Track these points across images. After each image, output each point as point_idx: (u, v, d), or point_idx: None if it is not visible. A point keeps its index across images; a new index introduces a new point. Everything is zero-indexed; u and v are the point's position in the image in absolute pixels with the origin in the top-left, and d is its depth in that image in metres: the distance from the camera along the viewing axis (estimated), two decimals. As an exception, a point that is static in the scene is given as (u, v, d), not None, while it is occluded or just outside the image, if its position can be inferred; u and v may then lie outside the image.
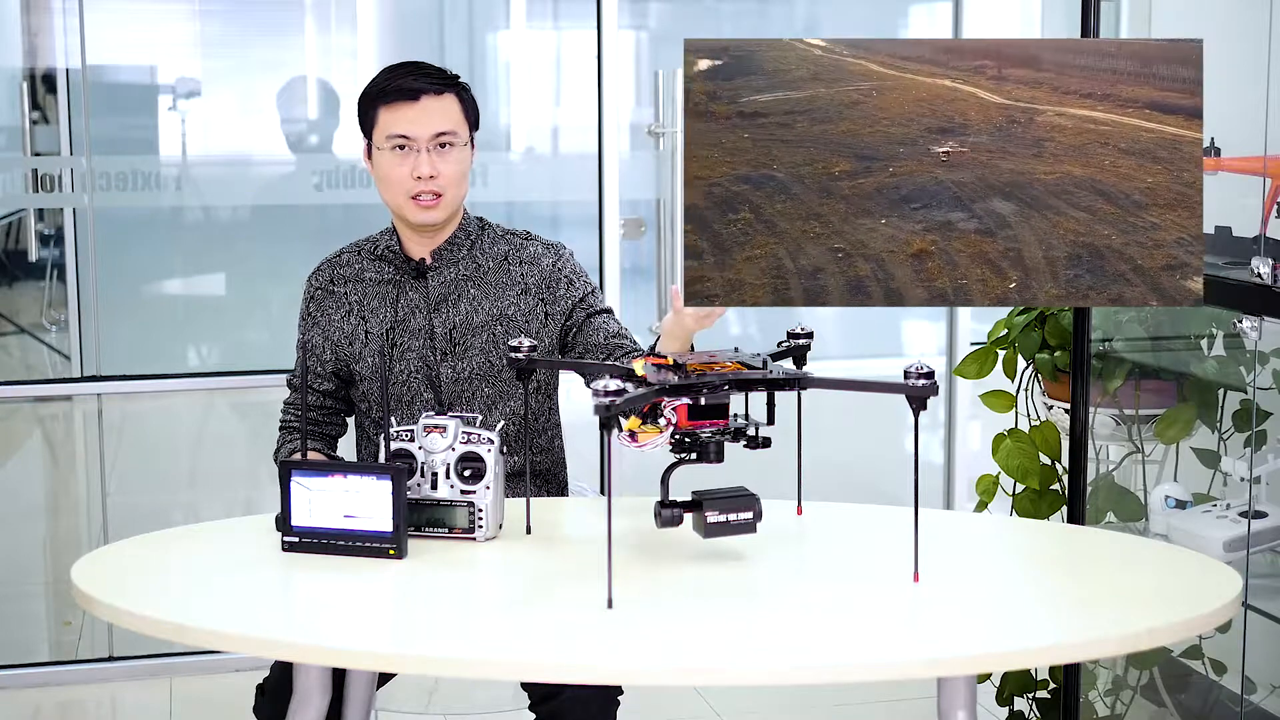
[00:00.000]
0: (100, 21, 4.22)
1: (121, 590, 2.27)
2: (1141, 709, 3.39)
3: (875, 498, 2.80)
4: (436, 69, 2.86)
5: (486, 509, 2.43)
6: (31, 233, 4.36)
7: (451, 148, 2.82)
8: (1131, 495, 3.41)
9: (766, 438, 2.31)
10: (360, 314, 2.88)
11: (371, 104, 2.84)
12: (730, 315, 4.76)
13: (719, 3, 4.79)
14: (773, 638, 2.08)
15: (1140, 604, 2.21)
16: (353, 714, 2.62)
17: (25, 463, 4.49)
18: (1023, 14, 4.96)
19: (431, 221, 2.83)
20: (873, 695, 3.89)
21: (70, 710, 4.19)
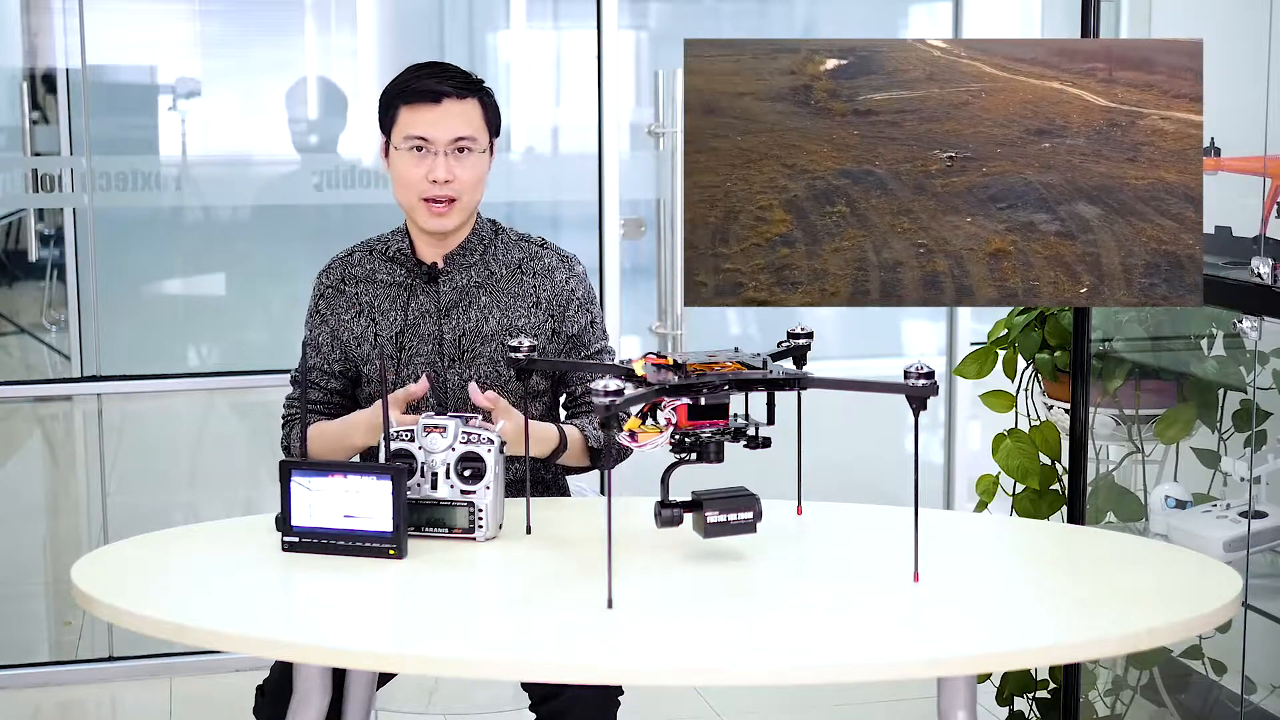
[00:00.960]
0: (100, 21, 4.22)
1: (121, 590, 2.27)
2: (1141, 709, 3.39)
3: (875, 498, 2.80)
4: (461, 72, 2.84)
5: (486, 509, 2.43)
6: (31, 233, 4.36)
7: (469, 153, 2.80)
8: (1131, 495, 3.41)
9: (766, 438, 2.31)
10: (370, 316, 2.87)
11: (393, 102, 2.83)
12: (730, 315, 4.76)
13: (719, 3, 4.79)
14: (773, 638, 2.08)
15: (1140, 604, 2.21)
16: (353, 714, 2.62)
17: (25, 463, 4.49)
18: (1023, 14, 4.96)
19: (442, 228, 2.82)
20: (873, 695, 3.89)
21: (70, 710, 4.19)
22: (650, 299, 4.42)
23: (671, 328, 4.36)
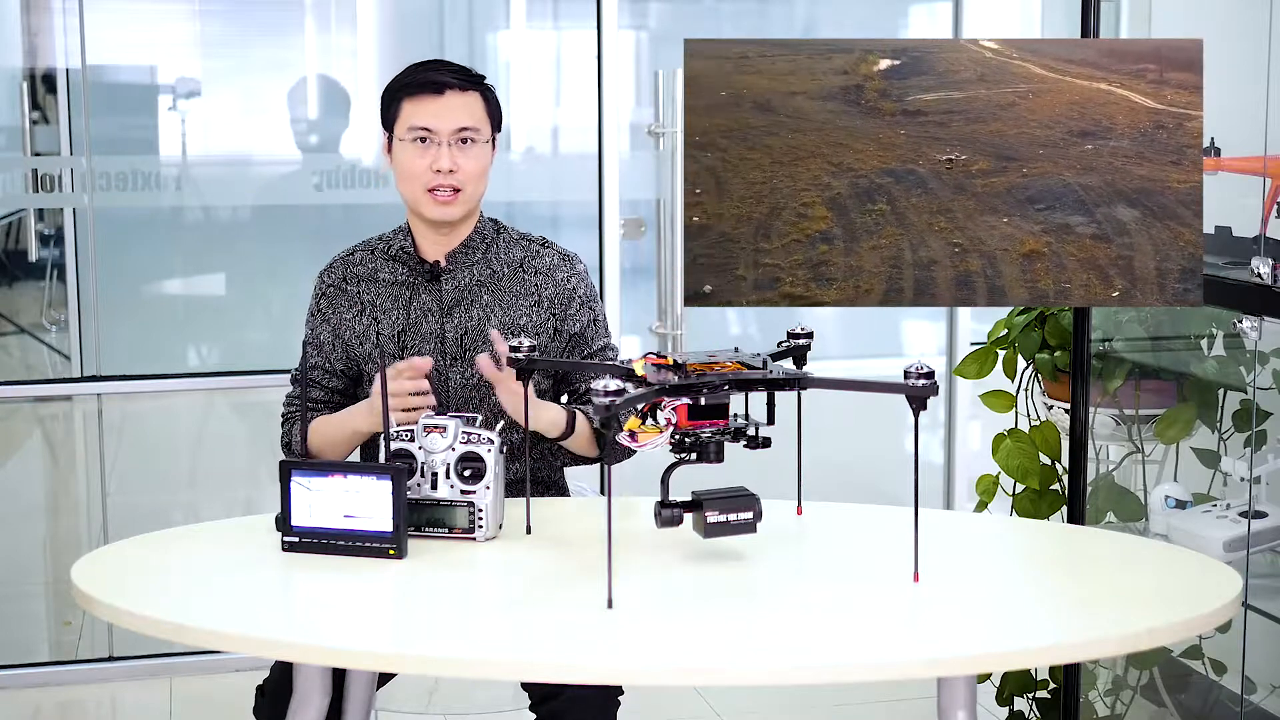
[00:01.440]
0: (100, 21, 4.22)
1: (121, 590, 2.27)
2: (1141, 709, 3.39)
3: (875, 498, 2.80)
4: (462, 67, 2.87)
5: (486, 509, 2.43)
6: (31, 233, 4.36)
7: (473, 144, 2.82)
8: (1131, 495, 3.41)
9: (766, 438, 2.31)
10: (372, 314, 2.87)
11: (395, 96, 2.84)
12: (730, 315, 4.76)
13: (719, 3, 4.79)
14: (773, 638, 2.08)
15: (1140, 604, 2.21)
16: (353, 714, 2.62)
17: (25, 463, 4.49)
18: (1023, 14, 4.96)
19: (447, 218, 2.83)
20: (873, 695, 3.89)
21: (70, 710, 4.19)
22: (650, 299, 4.42)
23: (671, 328, 4.36)
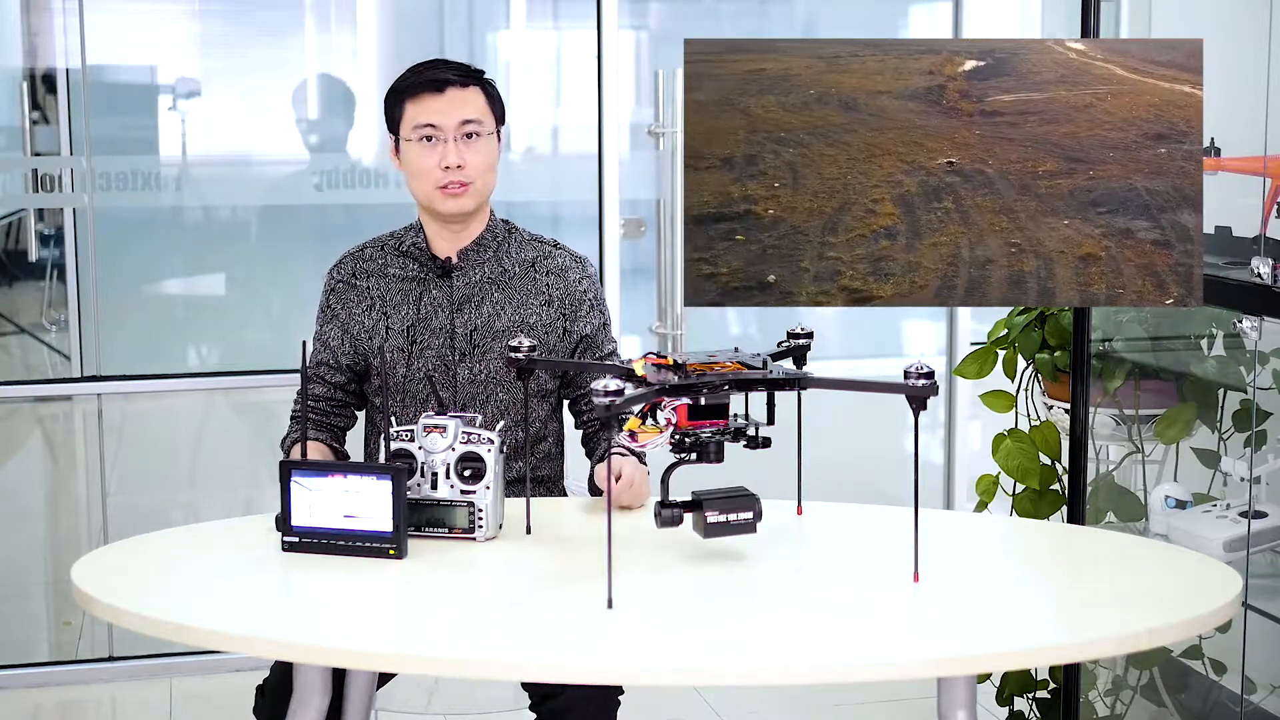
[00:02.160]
0: (100, 21, 4.22)
1: (121, 590, 2.27)
2: (1141, 709, 3.39)
3: (875, 498, 2.80)
4: (460, 64, 2.89)
5: (486, 509, 2.43)
6: (31, 233, 4.36)
7: (478, 138, 2.84)
8: (1131, 495, 3.41)
9: (766, 438, 2.31)
10: (382, 309, 2.89)
11: (398, 99, 2.86)
12: (730, 315, 4.76)
13: (719, 3, 4.79)
14: (773, 638, 2.08)
15: (1140, 604, 2.21)
16: (353, 714, 2.62)
17: (25, 463, 4.49)
18: (1023, 14, 4.96)
19: (460, 210, 2.84)
20: (873, 695, 3.89)
21: (70, 710, 4.19)
22: (650, 299, 4.42)
23: (671, 328, 4.36)
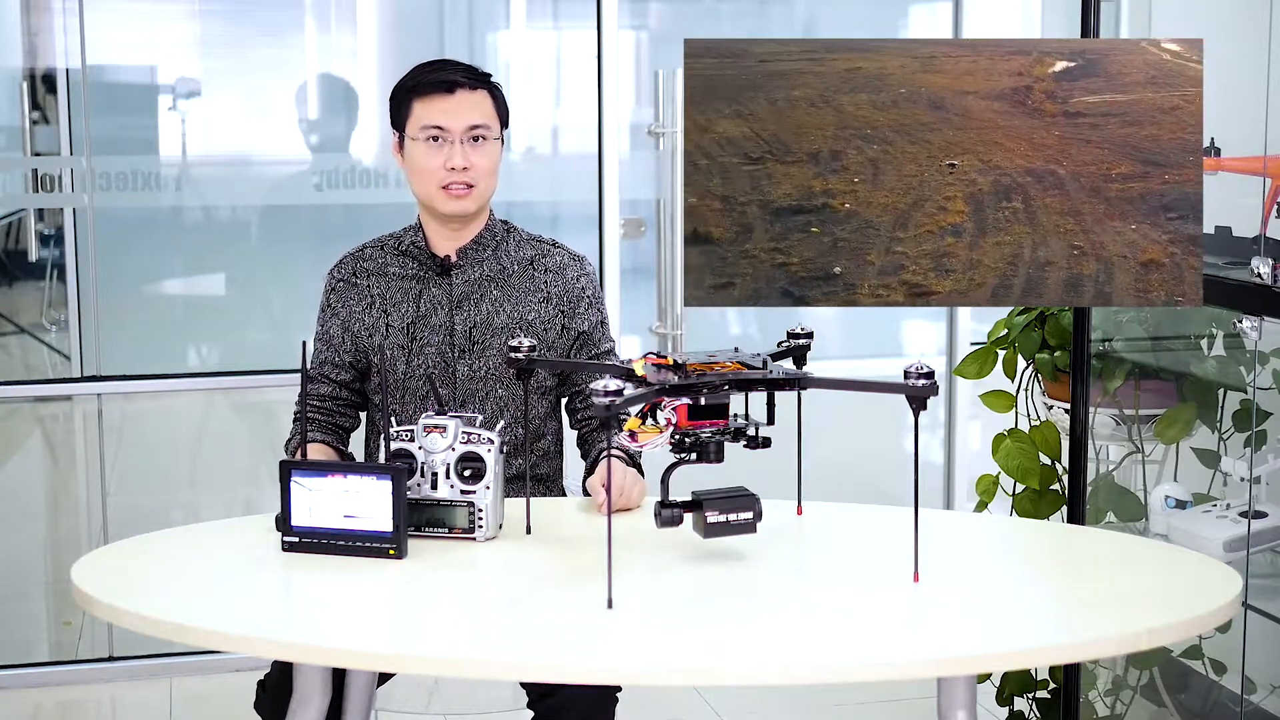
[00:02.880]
0: (100, 21, 4.22)
1: (121, 590, 2.27)
2: (1141, 709, 3.39)
3: (875, 498, 2.80)
4: (470, 66, 2.90)
5: (486, 509, 2.44)
6: (31, 233, 4.36)
7: (484, 141, 2.85)
8: (1131, 495, 3.41)
9: (766, 438, 2.31)
10: (382, 307, 2.90)
11: (406, 97, 2.87)
12: (730, 315, 4.76)
13: (719, 3, 4.79)
14: (773, 638, 2.08)
15: (1140, 604, 2.21)
16: (353, 714, 2.62)
17: (25, 463, 4.49)
18: (1023, 14, 4.96)
19: (462, 211, 2.85)
20: (873, 695, 3.89)
21: (70, 710, 4.19)
22: (650, 299, 4.42)
23: (671, 328, 4.36)
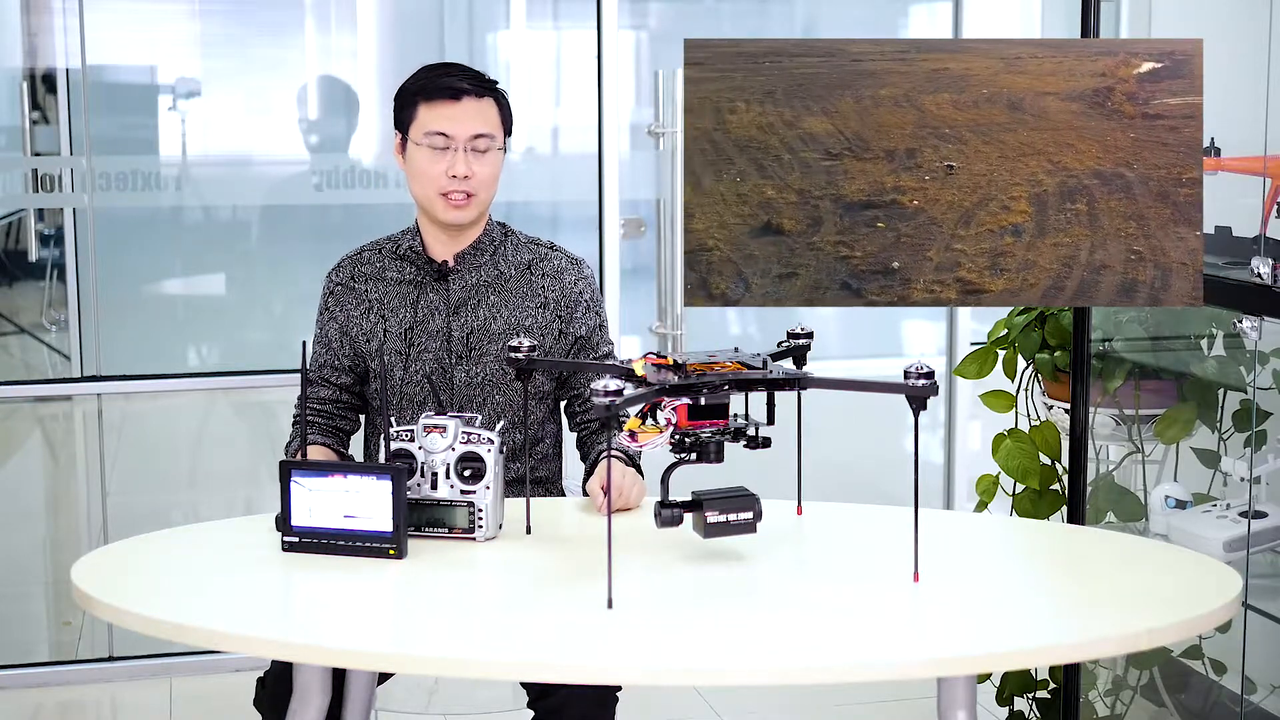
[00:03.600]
0: (100, 21, 4.22)
1: (121, 590, 2.27)
2: (1141, 709, 3.39)
3: (875, 498, 2.80)
4: (476, 72, 2.89)
5: (486, 509, 2.43)
6: (31, 233, 4.36)
7: (487, 151, 2.84)
8: (1131, 495, 3.41)
9: (766, 438, 2.31)
10: (380, 312, 2.89)
11: (412, 99, 2.86)
12: (730, 315, 4.76)
13: (719, 3, 4.79)
14: (773, 638, 2.08)
15: (1140, 604, 2.21)
16: (353, 714, 2.62)
17: (25, 463, 4.49)
18: (1023, 14, 4.96)
19: (460, 221, 2.85)
20: (873, 695, 3.89)
21: (70, 710, 4.19)
22: (650, 299, 4.42)
23: (671, 328, 4.36)
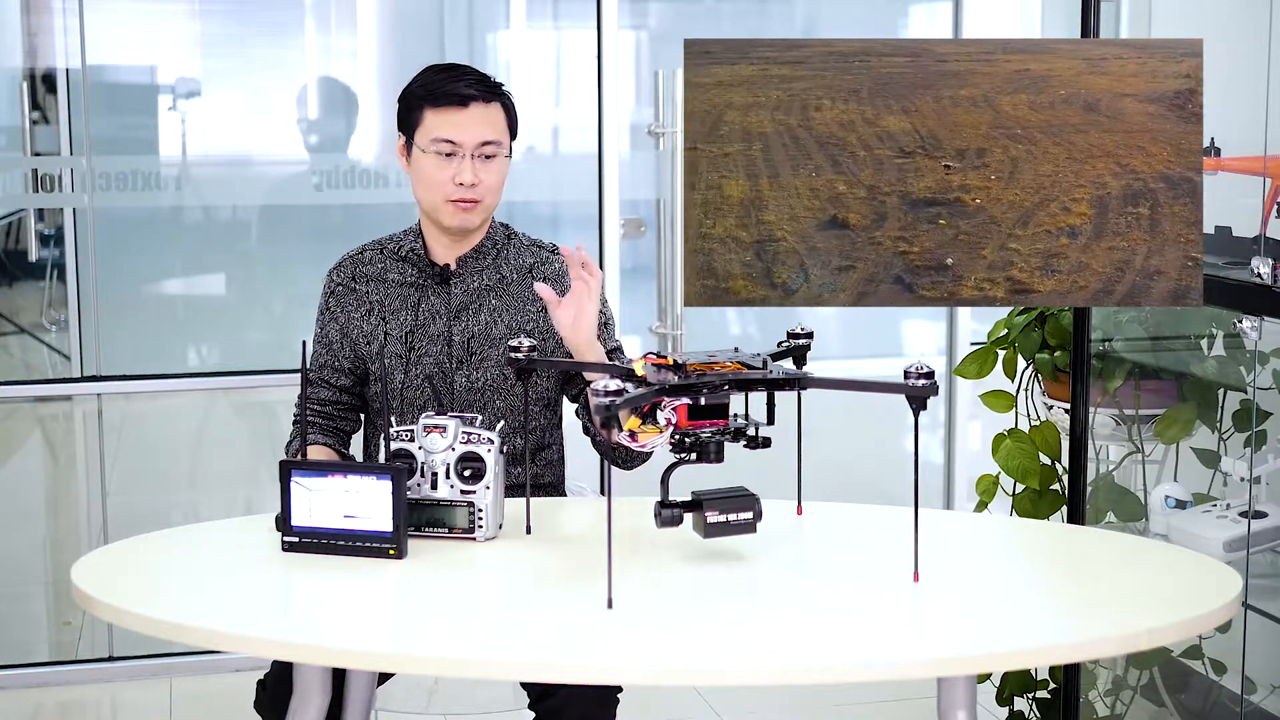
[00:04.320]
0: (100, 21, 4.22)
1: (121, 590, 2.27)
2: (1141, 709, 3.39)
3: (875, 498, 2.80)
4: (482, 75, 2.86)
5: (486, 509, 2.43)
6: (31, 233, 4.36)
7: (494, 157, 2.83)
8: (1131, 495, 3.41)
9: (766, 438, 2.31)
10: (381, 315, 2.88)
11: (418, 104, 2.83)
12: (730, 315, 4.76)
13: (719, 3, 4.79)
14: (773, 638, 2.08)
15: (1140, 604, 2.21)
16: (353, 714, 2.62)
17: (25, 463, 4.49)
18: (1023, 14, 4.96)
19: (466, 226, 2.84)
20: (873, 695, 3.89)
21: (70, 710, 4.19)
22: (650, 299, 4.42)
23: (671, 328, 4.36)
